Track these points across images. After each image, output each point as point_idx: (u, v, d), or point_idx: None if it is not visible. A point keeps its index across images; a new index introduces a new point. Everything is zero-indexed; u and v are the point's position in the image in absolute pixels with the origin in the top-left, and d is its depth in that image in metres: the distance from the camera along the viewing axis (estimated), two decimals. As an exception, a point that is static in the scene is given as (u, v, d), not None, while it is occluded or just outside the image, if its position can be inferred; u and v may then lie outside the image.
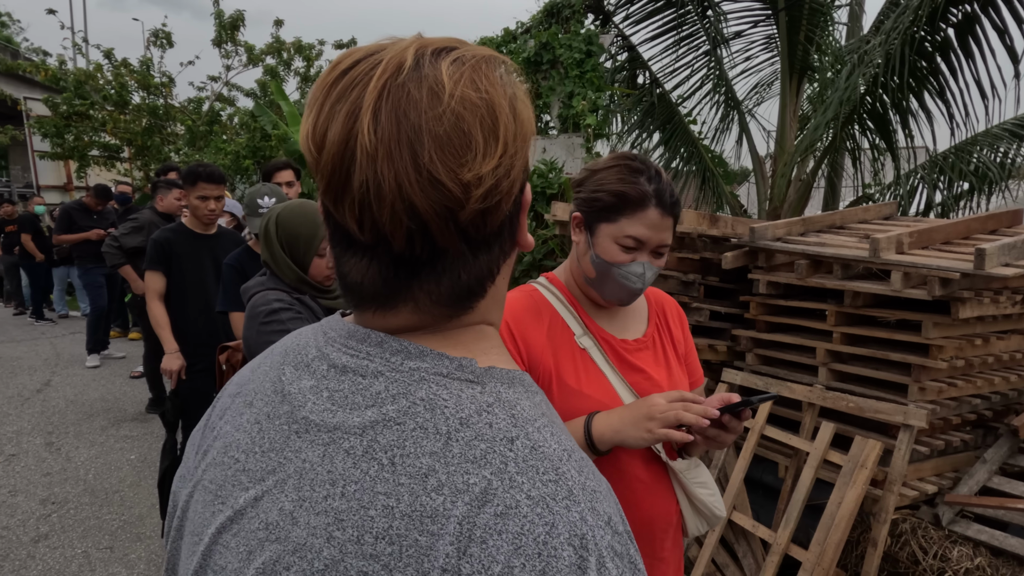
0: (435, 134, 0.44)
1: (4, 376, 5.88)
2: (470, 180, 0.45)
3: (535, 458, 0.45)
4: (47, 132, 9.53)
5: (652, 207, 1.11)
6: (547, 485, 0.43)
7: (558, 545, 0.41)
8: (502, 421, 0.47)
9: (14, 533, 3.07)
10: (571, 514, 0.43)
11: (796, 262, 2.67)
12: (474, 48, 0.50)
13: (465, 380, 0.49)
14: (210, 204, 2.99)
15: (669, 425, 1.01)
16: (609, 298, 1.18)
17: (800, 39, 5.38)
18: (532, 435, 0.46)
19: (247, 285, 1.97)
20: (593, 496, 0.45)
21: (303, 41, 10.62)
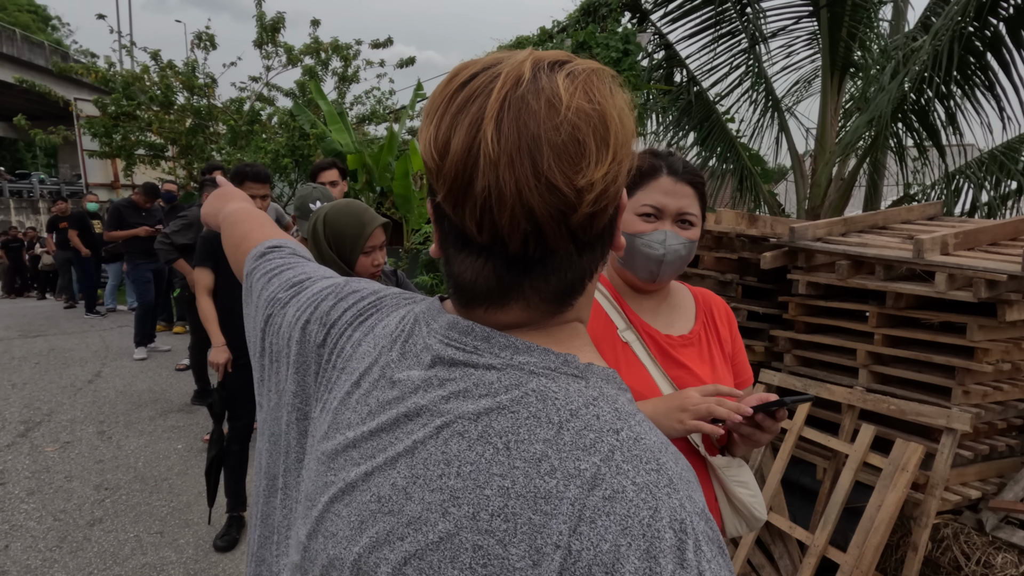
0: (553, 143, 0.47)
1: (58, 367, 6.12)
2: (583, 186, 0.48)
3: (639, 448, 0.48)
4: (96, 132, 9.86)
5: (664, 175, 1.17)
6: (650, 473, 0.47)
7: (661, 528, 0.44)
8: (607, 414, 0.50)
9: (71, 516, 3.21)
10: (672, 500, 0.46)
11: (837, 263, 2.65)
12: (584, 62, 0.53)
13: (571, 375, 0.53)
14: (256, 202, 3.08)
15: (701, 417, 1.01)
16: (640, 274, 1.19)
17: (842, 35, 5.29)
18: (634, 427, 0.50)
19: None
20: (689, 486, 0.48)
21: (340, 41, 10.77)
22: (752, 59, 5.78)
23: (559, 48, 5.26)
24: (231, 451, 3.08)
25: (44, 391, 5.29)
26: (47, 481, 3.59)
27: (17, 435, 4.28)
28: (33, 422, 4.53)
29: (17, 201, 25.90)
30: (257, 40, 10.24)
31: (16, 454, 3.96)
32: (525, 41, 8.11)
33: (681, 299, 1.30)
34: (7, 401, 4.98)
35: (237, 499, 3.12)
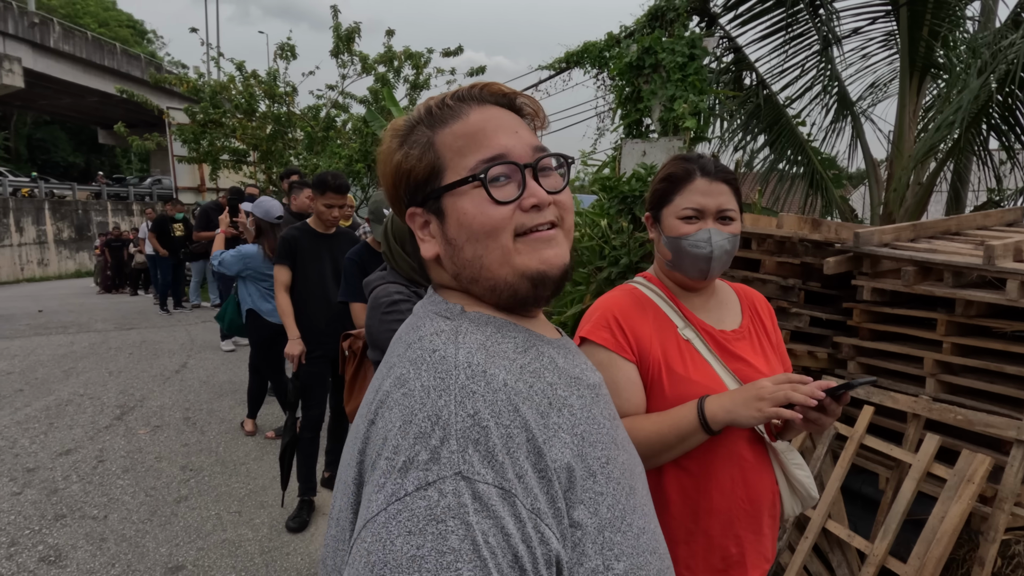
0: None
1: (148, 357, 6.59)
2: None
3: (439, 363, 0.62)
4: (186, 138, 10.52)
5: (698, 177, 1.22)
6: (435, 380, 0.61)
7: (422, 418, 0.58)
8: (439, 340, 0.66)
9: (160, 494, 3.49)
10: (439, 401, 0.59)
11: (903, 269, 2.60)
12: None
13: (441, 316, 0.71)
14: (334, 211, 3.28)
15: (779, 404, 1.06)
16: (690, 273, 1.25)
17: (923, 35, 5.10)
18: (447, 349, 0.64)
19: (369, 279, 2.18)
20: (469, 395, 0.59)
21: (412, 49, 11.10)
22: (825, 61, 5.65)
23: (625, 53, 5.29)
24: (303, 438, 3.28)
25: (137, 379, 5.72)
26: (139, 460, 3.91)
27: (114, 418, 4.66)
28: (128, 407, 4.91)
29: (114, 203, 27.77)
30: (334, 50, 10.68)
31: (113, 435, 4.32)
32: (592, 47, 8.17)
33: (726, 296, 1.36)
34: (105, 387, 5.41)
35: (308, 484, 3.31)
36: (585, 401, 0.69)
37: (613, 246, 5.02)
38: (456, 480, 0.53)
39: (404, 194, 0.73)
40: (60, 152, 42.38)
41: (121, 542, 2.98)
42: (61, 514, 3.21)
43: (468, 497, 0.53)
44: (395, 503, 0.53)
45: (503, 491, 0.54)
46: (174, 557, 2.88)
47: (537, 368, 0.67)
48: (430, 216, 0.72)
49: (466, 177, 0.68)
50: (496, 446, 0.56)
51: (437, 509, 0.52)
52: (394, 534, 0.52)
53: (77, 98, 31.97)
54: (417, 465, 0.54)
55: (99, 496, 3.43)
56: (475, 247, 0.69)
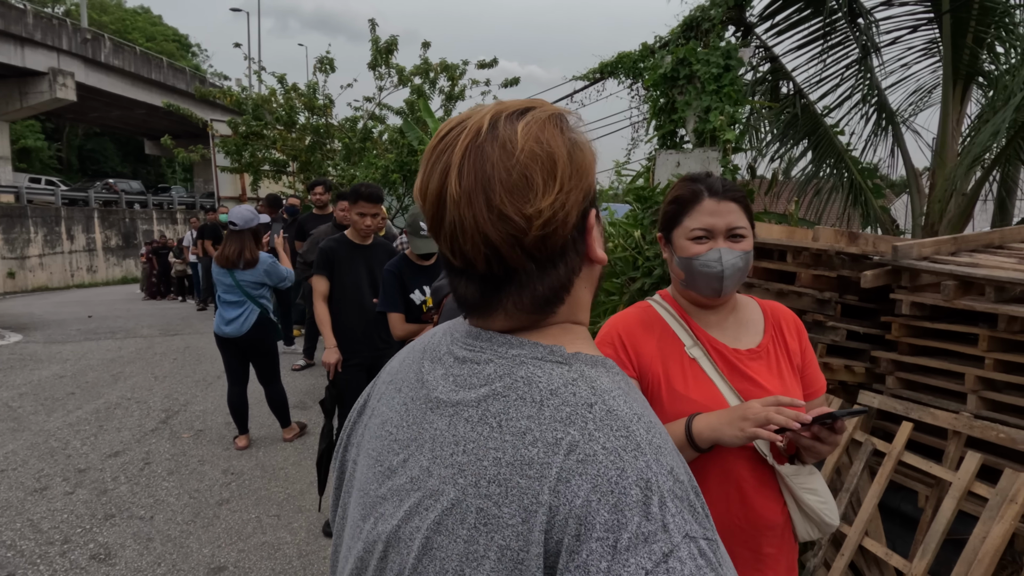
0: (504, 181, 0.58)
1: (192, 363, 6.80)
2: (531, 214, 0.58)
3: (610, 419, 0.56)
4: (228, 150, 10.84)
5: (706, 198, 1.23)
6: (619, 440, 0.55)
7: (627, 485, 0.53)
8: (584, 391, 0.59)
9: (203, 496, 3.60)
10: (638, 463, 0.54)
11: (943, 283, 2.56)
12: (548, 107, 0.64)
13: (555, 362, 0.62)
14: (367, 220, 3.36)
15: (760, 425, 1.06)
16: (704, 292, 1.26)
17: (967, 42, 5.00)
18: (608, 401, 0.58)
19: (442, 284, 2.23)
20: (658, 451, 0.56)
21: (448, 61, 11.27)
22: (864, 70, 5.57)
23: (659, 64, 5.30)
24: (340, 445, 3.36)
25: (181, 384, 5.90)
26: (184, 463, 4.04)
27: (159, 422, 4.82)
28: (172, 411, 5.08)
29: (159, 212, 28.67)
30: (371, 62, 10.90)
31: (159, 438, 4.47)
32: (626, 58, 8.18)
33: (749, 313, 1.35)
34: (151, 391, 5.60)
35: (344, 490, 3.39)
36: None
37: (647, 257, 5.01)
38: (688, 544, 0.52)
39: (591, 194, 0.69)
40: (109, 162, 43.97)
41: (167, 542, 3.09)
42: (110, 514, 3.35)
43: (701, 559, 0.52)
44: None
45: (711, 541, 0.54)
46: (216, 558, 2.97)
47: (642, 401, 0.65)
48: (593, 222, 0.70)
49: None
50: (692, 498, 0.55)
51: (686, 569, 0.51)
52: None
53: (126, 110, 33.15)
54: (647, 538, 0.51)
55: (146, 497, 3.55)
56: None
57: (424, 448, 0.64)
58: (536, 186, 0.59)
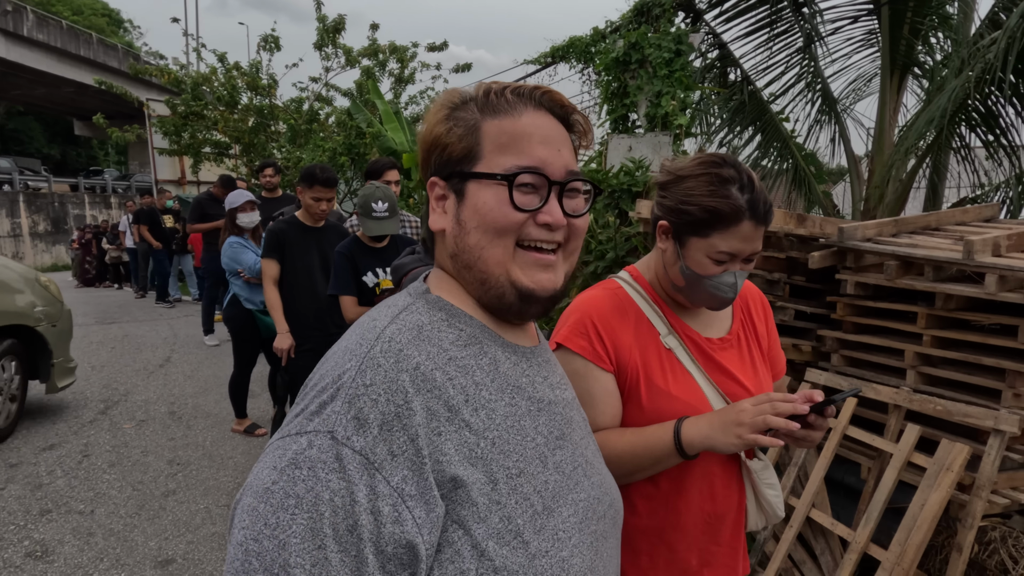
0: None
1: (131, 351, 6.53)
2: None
3: (368, 331, 0.67)
4: (167, 131, 10.39)
5: (746, 220, 1.08)
6: (355, 344, 0.65)
7: (325, 373, 0.63)
8: (384, 312, 0.70)
9: (147, 488, 3.47)
10: (347, 363, 0.63)
11: (886, 263, 2.66)
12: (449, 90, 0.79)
13: (407, 293, 0.75)
14: (322, 205, 3.27)
15: (758, 430, 1.01)
16: (698, 304, 1.18)
17: (904, 34, 5.19)
18: (383, 320, 0.68)
19: (403, 261, 2.18)
20: (372, 367, 0.62)
21: (397, 43, 11.05)
22: (808, 58, 5.72)
23: (611, 48, 5.32)
24: (292, 432, 3.28)
25: (120, 373, 5.66)
26: (126, 455, 3.88)
27: (98, 412, 4.61)
28: (112, 401, 4.87)
29: (91, 196, 27.33)
30: (318, 42, 10.60)
31: (98, 429, 4.28)
32: (577, 42, 8.19)
33: None
34: (88, 382, 5.35)
35: (297, 477, 3.32)
36: (516, 411, 0.69)
37: (599, 240, 5.05)
38: (325, 437, 0.57)
39: (433, 163, 0.75)
40: (35, 143, 41.58)
41: (109, 536, 2.97)
42: (47, 509, 3.19)
43: (330, 455, 0.56)
44: (279, 439, 0.59)
45: (366, 461, 0.56)
46: (164, 551, 2.87)
47: (469, 365, 0.68)
48: (449, 192, 0.74)
49: (496, 174, 0.70)
50: (375, 420, 0.58)
51: (300, 456, 0.56)
52: (266, 465, 0.58)
53: (52, 88, 31.34)
54: (306, 413, 0.60)
55: (85, 491, 3.40)
56: (480, 237, 0.71)
57: None
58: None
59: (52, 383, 4.39)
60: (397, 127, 9.87)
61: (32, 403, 4.75)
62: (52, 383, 4.39)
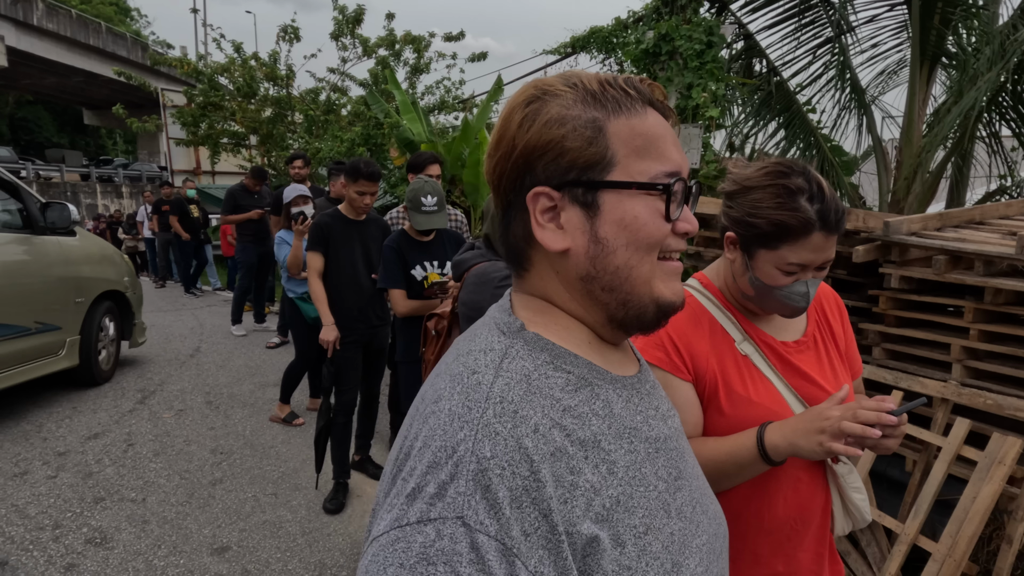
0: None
1: (161, 341, 6.60)
2: (489, 167, 0.68)
3: (472, 389, 0.59)
4: (185, 121, 10.43)
5: (816, 232, 1.05)
6: (463, 408, 0.57)
7: (440, 446, 0.55)
8: (484, 361, 0.62)
9: (194, 476, 3.54)
10: (459, 434, 0.55)
11: (935, 257, 2.68)
12: (537, 81, 0.68)
13: (500, 331, 0.66)
14: (366, 199, 3.30)
15: (839, 438, 0.99)
16: (770, 312, 1.17)
17: (934, 23, 5.16)
18: (486, 374, 0.60)
19: (464, 257, 2.22)
20: (490, 438, 0.55)
21: (413, 33, 11.03)
22: (837, 49, 5.69)
23: (640, 39, 5.31)
24: (336, 423, 3.33)
25: (153, 363, 5.74)
26: (169, 444, 3.95)
27: (136, 402, 4.68)
28: (148, 391, 4.94)
29: (103, 186, 27.43)
30: (334, 32, 10.60)
31: (138, 419, 4.35)
32: (599, 32, 8.16)
33: None
34: (123, 371, 5.43)
35: (342, 467, 3.37)
36: (635, 457, 0.63)
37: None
38: (456, 524, 0.50)
39: (539, 168, 0.64)
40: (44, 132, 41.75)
41: (163, 524, 3.03)
42: (100, 497, 3.26)
43: (464, 546, 0.49)
44: (395, 529, 0.52)
45: (504, 547, 0.50)
46: (218, 538, 2.93)
47: (583, 413, 0.61)
48: (568, 205, 0.64)
49: (652, 183, 0.63)
50: (504, 498, 0.52)
51: (431, 549, 0.50)
52: (388, 562, 0.51)
53: (62, 78, 31.43)
54: (423, 496, 0.52)
55: (134, 479, 3.47)
56: (631, 255, 0.64)
57: None
58: (490, 146, 0.68)
59: (134, 339, 5.61)
60: (415, 117, 9.86)
61: (73, 392, 4.83)
62: (134, 339, 5.61)
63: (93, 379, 4.96)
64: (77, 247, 4.88)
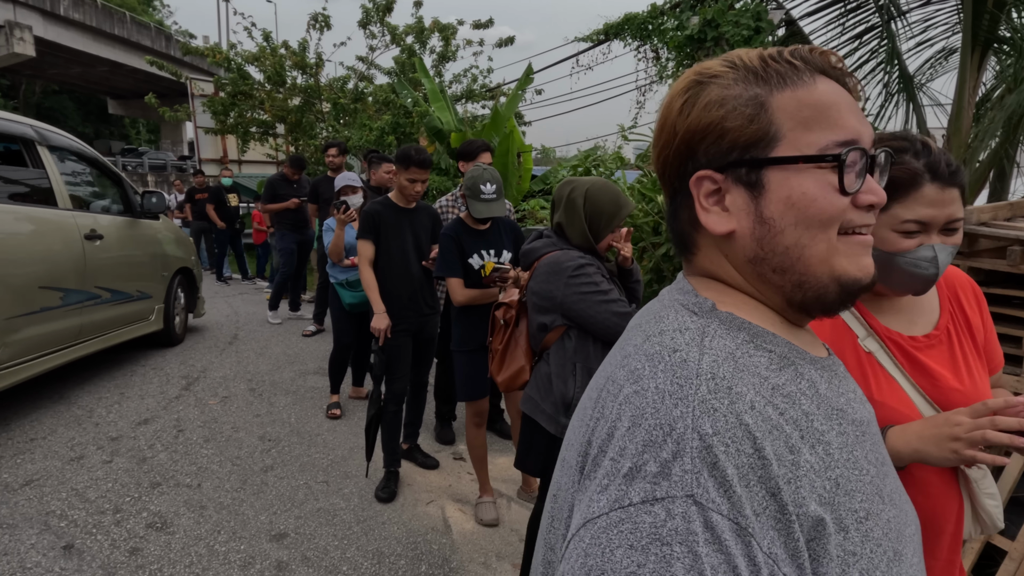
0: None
1: (199, 328, 6.66)
2: (654, 156, 0.70)
3: (679, 366, 0.56)
4: (215, 110, 10.48)
5: (927, 183, 1.00)
6: (673, 385, 0.55)
7: (654, 424, 0.53)
8: (683, 340, 0.60)
9: (245, 463, 3.56)
10: (674, 411, 0.53)
11: (1009, 248, 2.60)
12: (702, 65, 0.68)
13: (691, 311, 0.64)
14: (417, 186, 3.28)
15: (976, 446, 0.92)
16: (899, 289, 1.09)
17: (987, 7, 5.02)
18: (690, 352, 0.58)
19: (533, 246, 2.20)
20: (709, 414, 0.52)
21: (442, 21, 10.97)
22: (885, 35, 5.56)
23: (683, 26, 5.23)
24: (388, 411, 3.33)
25: (192, 350, 5.79)
26: (217, 431, 3.98)
27: (182, 388, 4.73)
28: (192, 377, 4.98)
29: (129, 175, 27.76)
30: (362, 20, 10.57)
31: (185, 405, 4.39)
32: (633, 19, 8.06)
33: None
34: (165, 359, 5.48)
35: (393, 456, 3.37)
36: (846, 440, 0.60)
37: (671, 222, 5.01)
38: (687, 503, 0.48)
39: (701, 152, 0.63)
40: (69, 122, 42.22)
41: (220, 510, 3.06)
42: (156, 482, 3.29)
43: (699, 525, 0.47)
44: (618, 510, 0.50)
45: (738, 527, 0.48)
46: (275, 525, 2.95)
47: (792, 392, 0.58)
48: (732, 186, 0.63)
49: (821, 155, 0.59)
50: (733, 476, 0.50)
51: (663, 529, 0.48)
52: (614, 544, 0.49)
53: (87, 67, 31.73)
54: (645, 475, 0.50)
55: (187, 465, 3.50)
56: (802, 234, 0.60)
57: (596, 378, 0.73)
58: (655, 133, 0.69)
59: (197, 309, 6.46)
60: (443, 106, 9.82)
61: (119, 376, 4.89)
62: (197, 309, 6.46)
63: (171, 341, 5.86)
64: (162, 229, 5.70)
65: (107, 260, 4.59)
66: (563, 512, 0.61)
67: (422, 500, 3.28)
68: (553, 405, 2.10)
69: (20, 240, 3.74)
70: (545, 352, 2.18)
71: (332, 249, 4.18)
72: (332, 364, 4.39)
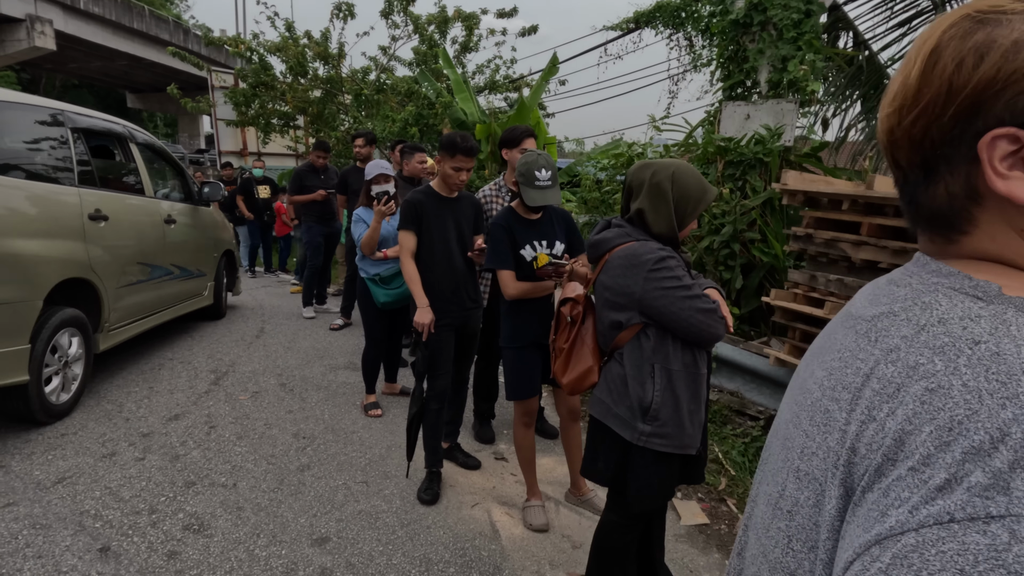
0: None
1: (225, 321, 6.56)
2: (889, 111, 0.60)
3: (992, 360, 0.46)
4: (237, 101, 10.38)
5: None
6: (990, 383, 0.45)
7: (973, 428, 0.44)
8: (980, 329, 0.49)
9: (281, 461, 3.44)
10: (1004, 412, 0.43)
11: None
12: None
13: (973, 296, 0.53)
14: (462, 175, 3.13)
15: None
16: None
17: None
18: (1004, 345, 0.47)
19: (603, 237, 2.04)
20: None
21: (464, 11, 10.79)
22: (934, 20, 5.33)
23: (728, 9, 5.02)
24: (430, 409, 3.19)
25: (219, 343, 5.68)
26: (250, 427, 3.86)
27: (211, 383, 4.62)
28: (220, 372, 4.88)
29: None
30: (385, 10, 10.42)
31: (215, 400, 4.28)
32: (665, 6, 7.84)
33: None
34: (192, 352, 5.38)
35: (435, 456, 3.23)
36: None
37: (713, 215, 4.83)
38: None
39: (999, 107, 0.53)
40: (89, 116, 42.50)
41: (258, 511, 2.94)
42: (190, 481, 3.18)
43: None
44: (935, 527, 0.43)
45: None
46: (316, 528, 2.82)
47: None
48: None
49: None
50: None
51: (1007, 555, 0.40)
52: (935, 567, 0.41)
53: (107, 61, 31.83)
54: (970, 488, 0.42)
55: (221, 463, 3.38)
56: None
57: (823, 356, 0.65)
58: (902, 96, 0.58)
59: (236, 288, 7.11)
60: (467, 97, 9.67)
61: (147, 370, 4.79)
62: (236, 288, 7.11)
63: (219, 314, 6.62)
64: (213, 214, 6.41)
65: (178, 241, 5.31)
66: (804, 531, 0.58)
67: (467, 503, 3.14)
68: (629, 409, 1.94)
69: (127, 222, 4.49)
70: (617, 352, 2.02)
71: (365, 241, 4.04)
72: (365, 362, 4.26)
